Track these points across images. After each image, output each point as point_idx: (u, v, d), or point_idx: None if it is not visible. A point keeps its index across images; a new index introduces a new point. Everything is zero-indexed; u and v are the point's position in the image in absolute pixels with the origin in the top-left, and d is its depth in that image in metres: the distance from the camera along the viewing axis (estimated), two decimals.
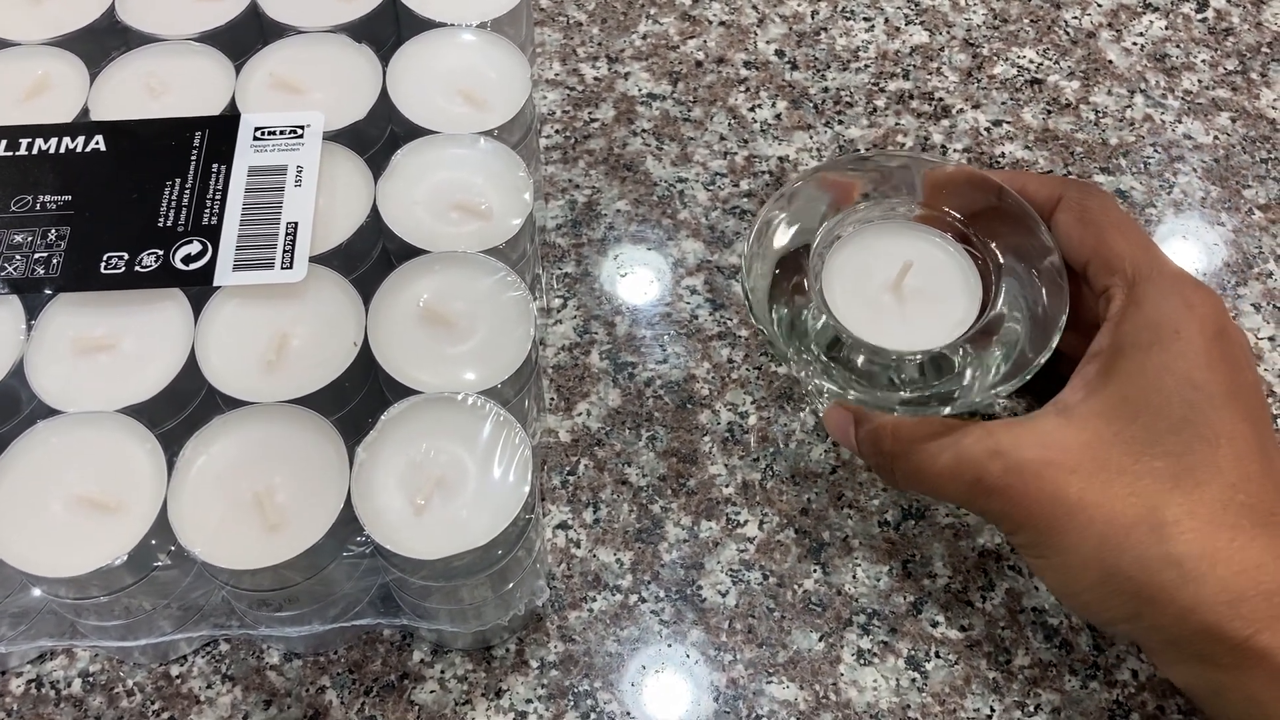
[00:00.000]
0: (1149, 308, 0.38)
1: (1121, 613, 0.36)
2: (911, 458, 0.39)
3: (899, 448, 0.40)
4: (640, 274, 0.54)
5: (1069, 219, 0.41)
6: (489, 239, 0.43)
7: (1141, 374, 0.37)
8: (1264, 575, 0.34)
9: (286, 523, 0.37)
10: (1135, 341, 0.37)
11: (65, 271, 0.41)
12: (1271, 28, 0.65)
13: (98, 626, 0.40)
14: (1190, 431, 0.36)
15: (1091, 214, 0.40)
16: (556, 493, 0.48)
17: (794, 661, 0.44)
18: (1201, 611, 0.34)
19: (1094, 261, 0.40)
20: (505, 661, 0.44)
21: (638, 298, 0.53)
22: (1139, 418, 0.36)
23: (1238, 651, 0.34)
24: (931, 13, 0.65)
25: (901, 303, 0.42)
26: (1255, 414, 0.37)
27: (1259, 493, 0.35)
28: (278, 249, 0.41)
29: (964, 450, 0.38)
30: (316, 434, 0.38)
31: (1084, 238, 0.40)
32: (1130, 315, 0.38)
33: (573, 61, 0.62)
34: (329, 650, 0.44)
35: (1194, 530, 0.35)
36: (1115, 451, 0.36)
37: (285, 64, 0.47)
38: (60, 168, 0.43)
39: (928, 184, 0.44)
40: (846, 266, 0.43)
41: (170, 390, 0.39)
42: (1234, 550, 0.34)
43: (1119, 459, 0.36)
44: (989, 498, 0.37)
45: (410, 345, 0.40)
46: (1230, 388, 0.36)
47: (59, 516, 0.37)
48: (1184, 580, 0.34)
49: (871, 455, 0.41)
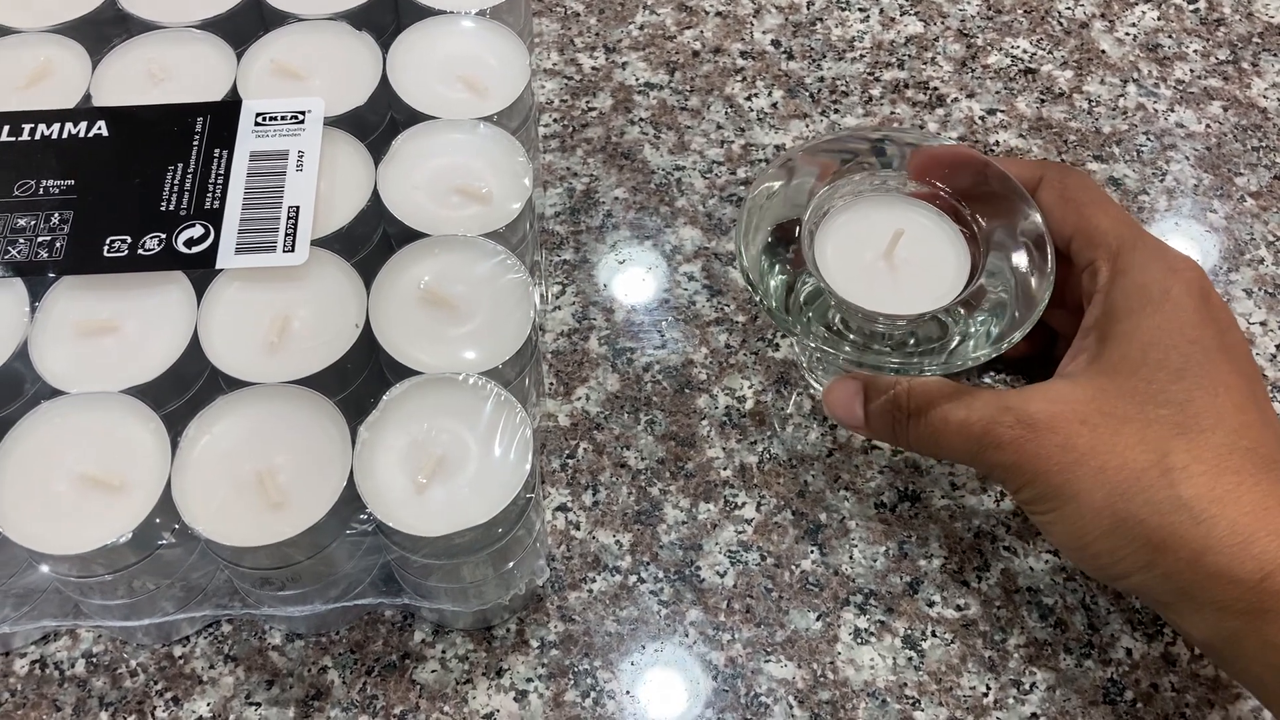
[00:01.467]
0: (1136, 274, 0.39)
1: (1133, 562, 0.36)
2: (928, 416, 0.40)
3: (917, 405, 0.40)
4: (638, 261, 0.54)
5: (1050, 197, 0.42)
6: (489, 223, 0.43)
7: (1137, 333, 0.38)
8: (1272, 517, 0.35)
9: (289, 501, 0.37)
10: (1127, 306, 0.38)
11: (69, 255, 0.41)
12: (1262, 18, 0.65)
13: (101, 606, 0.40)
14: (1190, 381, 0.37)
15: (1071, 192, 0.42)
16: (556, 476, 0.48)
17: (792, 640, 0.44)
18: (1213, 554, 0.35)
19: (1077, 238, 0.41)
20: (506, 641, 0.44)
21: (636, 284, 0.54)
22: (1139, 371, 0.37)
23: (1252, 594, 0.34)
24: (926, 3, 0.65)
25: (893, 270, 0.43)
26: (1247, 370, 0.38)
27: (1260, 439, 0.36)
28: (280, 232, 0.42)
29: (976, 408, 0.39)
30: (319, 414, 0.38)
31: (1065, 215, 0.41)
32: (1118, 283, 0.39)
33: (570, 51, 0.62)
34: (331, 630, 0.44)
35: (1202, 474, 0.35)
36: (1121, 402, 0.37)
37: (286, 51, 0.47)
38: (63, 152, 0.43)
39: (917, 161, 0.44)
40: (839, 235, 0.44)
41: (173, 371, 0.39)
42: (1241, 492, 0.35)
43: (1125, 409, 0.37)
44: (1000, 450, 0.38)
45: (411, 327, 0.41)
46: (1221, 344, 0.38)
47: (64, 495, 0.37)
48: (1195, 522, 0.35)
49: (884, 421, 0.41)
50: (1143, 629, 0.45)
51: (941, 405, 0.39)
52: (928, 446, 0.41)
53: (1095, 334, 0.39)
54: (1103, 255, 0.40)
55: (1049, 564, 0.46)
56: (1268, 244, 0.56)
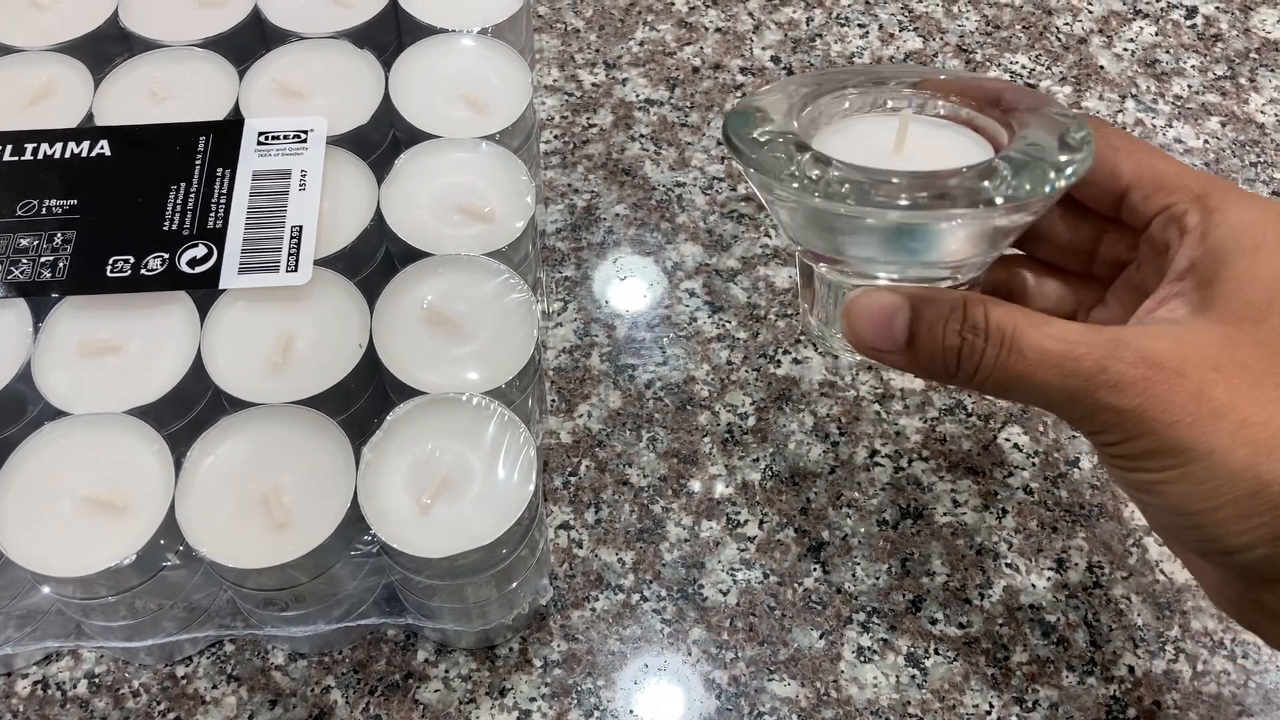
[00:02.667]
0: (1235, 214, 0.34)
1: (1265, 533, 0.32)
2: (1015, 342, 0.32)
3: (999, 327, 0.32)
4: (639, 277, 0.54)
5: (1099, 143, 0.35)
6: (492, 242, 0.43)
7: (1257, 277, 0.33)
8: None
9: (293, 522, 0.37)
10: (1237, 247, 0.33)
11: (71, 275, 0.41)
12: (1259, 33, 0.65)
13: (104, 627, 0.40)
14: None
15: (1116, 140, 0.36)
16: (559, 493, 0.48)
17: (795, 659, 0.44)
18: None
19: (1138, 185, 0.36)
20: (509, 660, 0.44)
21: (637, 301, 0.54)
22: (1268, 319, 0.32)
23: None
24: (925, 19, 0.66)
25: (905, 160, 0.36)
26: None
27: None
28: (283, 252, 0.42)
29: (1079, 339, 0.32)
30: (323, 435, 0.39)
31: (1120, 162, 0.36)
32: (1219, 223, 0.34)
33: (571, 67, 0.63)
34: (334, 650, 0.44)
35: None
36: (1254, 352, 0.32)
37: (288, 70, 0.47)
38: (66, 172, 0.43)
39: (923, 89, 0.38)
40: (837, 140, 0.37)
41: (177, 392, 0.39)
42: None
43: (1259, 360, 0.32)
44: (1117, 392, 0.31)
45: (415, 347, 0.41)
46: None
47: (67, 517, 0.37)
48: None
49: (941, 346, 0.33)
50: (1145, 646, 0.45)
51: (1029, 332, 0.32)
52: (1006, 382, 0.33)
53: (1194, 278, 0.33)
54: (1183, 197, 0.34)
55: (1051, 581, 0.46)
56: None
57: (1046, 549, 0.47)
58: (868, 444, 0.50)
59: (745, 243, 0.55)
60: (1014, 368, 0.32)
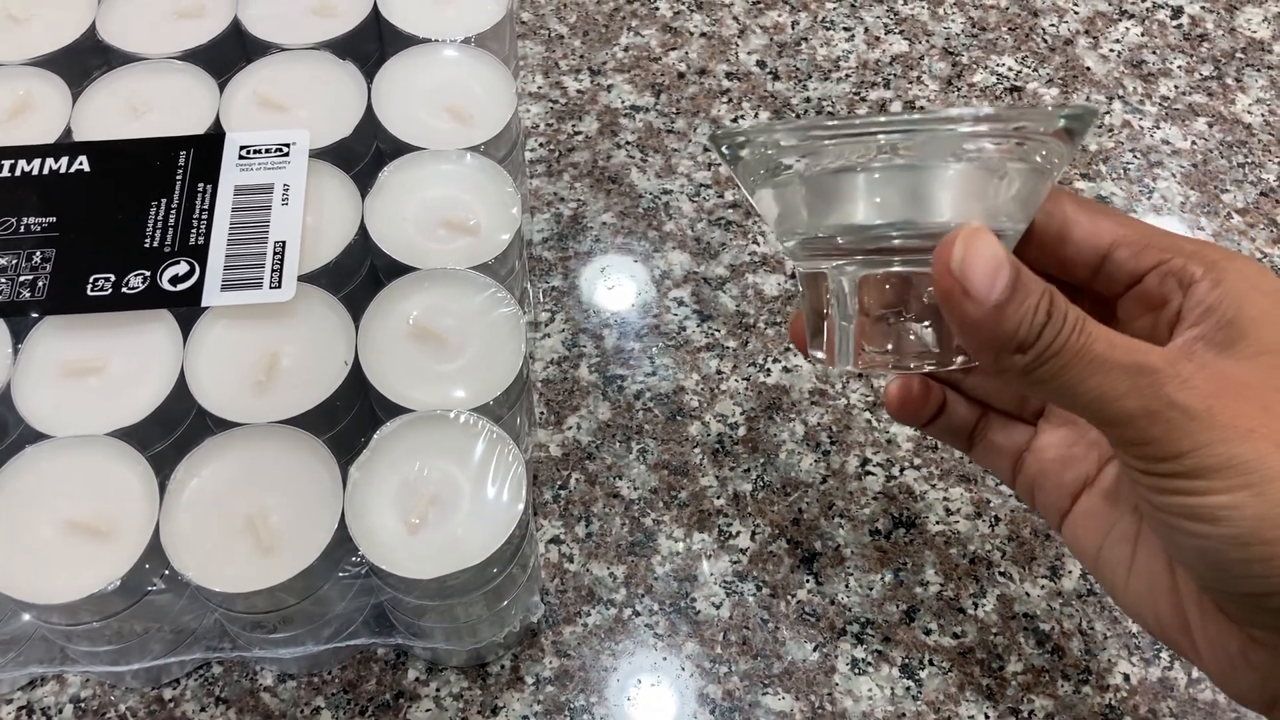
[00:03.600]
0: (1241, 263, 0.33)
1: None
2: (1088, 327, 0.31)
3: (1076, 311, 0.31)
4: (627, 286, 0.54)
5: (1074, 205, 0.35)
6: (478, 255, 0.43)
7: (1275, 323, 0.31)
8: None
9: (280, 545, 0.37)
10: (1256, 288, 0.32)
11: (51, 294, 0.40)
12: (1245, 33, 0.65)
13: (89, 652, 0.39)
14: None
15: (1094, 207, 0.36)
16: (548, 507, 0.48)
17: (789, 672, 0.44)
18: None
19: (1124, 244, 0.35)
20: (501, 678, 0.43)
21: (625, 310, 0.53)
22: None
23: None
24: (911, 22, 0.65)
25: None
26: None
27: None
28: (266, 268, 0.41)
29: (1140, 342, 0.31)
30: (309, 454, 0.38)
31: (1099, 224, 0.35)
32: (1228, 269, 0.33)
33: (555, 74, 0.62)
34: (323, 670, 0.44)
35: None
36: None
37: (269, 82, 0.47)
38: (44, 189, 0.43)
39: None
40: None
41: (160, 412, 0.39)
42: None
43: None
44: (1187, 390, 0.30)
45: (401, 363, 0.40)
46: None
47: (50, 542, 0.36)
48: None
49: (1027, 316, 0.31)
50: (1139, 654, 0.44)
51: (1098, 326, 0.31)
52: (1077, 365, 0.31)
53: (1213, 321, 0.32)
54: (1178, 253, 0.34)
55: (1044, 589, 0.46)
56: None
57: (1040, 556, 0.47)
58: (859, 453, 0.49)
59: (734, 250, 0.55)
60: (1091, 348, 0.30)
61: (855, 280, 0.33)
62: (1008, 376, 0.31)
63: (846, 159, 0.31)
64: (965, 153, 0.31)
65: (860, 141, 0.31)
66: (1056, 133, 0.31)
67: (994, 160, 0.31)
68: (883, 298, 0.33)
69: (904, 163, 0.31)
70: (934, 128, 0.31)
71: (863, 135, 0.31)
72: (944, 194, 0.32)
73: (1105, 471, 0.36)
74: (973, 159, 0.31)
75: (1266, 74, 0.63)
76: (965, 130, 0.31)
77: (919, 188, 0.32)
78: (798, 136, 0.32)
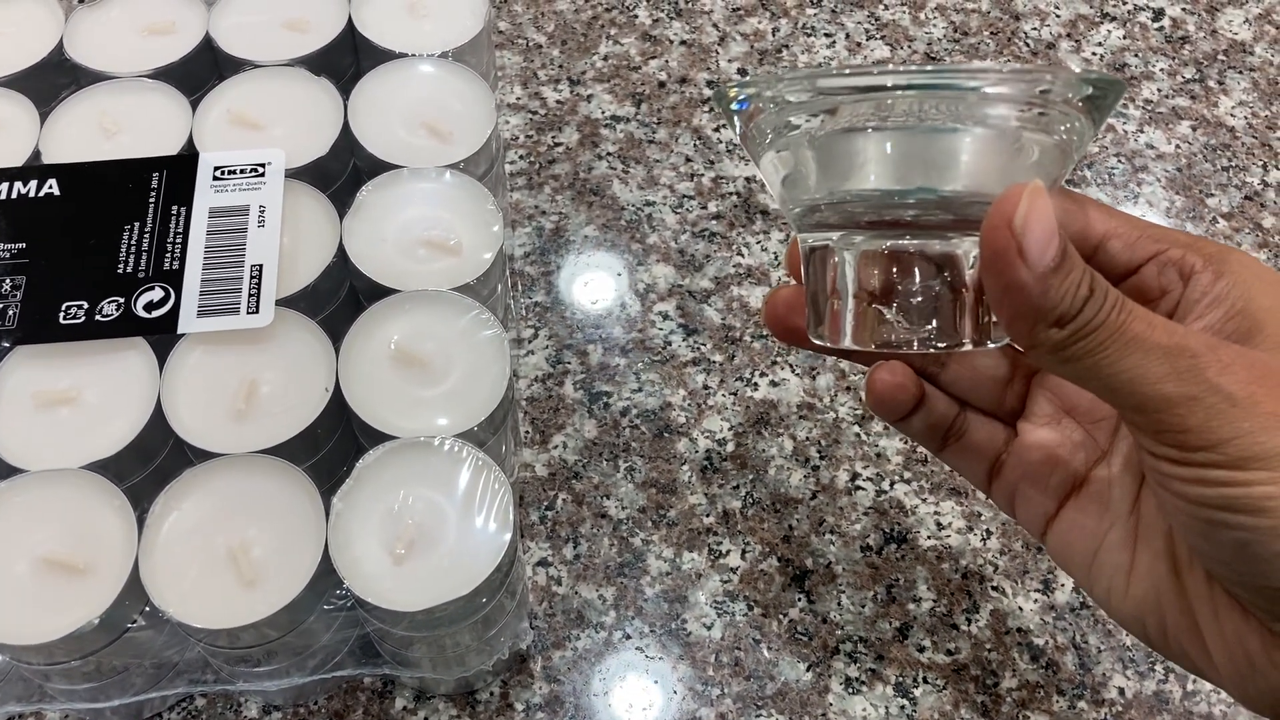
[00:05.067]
0: (1239, 255, 0.33)
1: None
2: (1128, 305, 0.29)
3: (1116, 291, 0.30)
4: (611, 301, 0.53)
5: (1062, 196, 0.35)
6: (460, 275, 0.42)
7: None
8: None
9: (263, 578, 0.36)
10: (1261, 278, 0.32)
11: (23, 323, 0.39)
12: (1226, 35, 0.65)
13: (67, 689, 0.39)
14: None
15: (1085, 200, 0.35)
16: (535, 529, 0.47)
17: (782, 693, 0.43)
18: None
19: (1117, 236, 0.34)
20: (490, 706, 0.43)
21: (610, 325, 0.53)
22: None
23: None
24: (892, 27, 0.65)
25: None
26: None
27: None
28: (243, 293, 0.40)
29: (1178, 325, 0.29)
30: (291, 485, 0.37)
31: (1090, 215, 0.35)
32: (1228, 260, 0.33)
33: (534, 85, 0.61)
34: (309, 701, 0.43)
35: None
36: None
37: (243, 99, 0.46)
38: (12, 214, 0.42)
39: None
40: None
41: (137, 444, 0.38)
42: None
43: None
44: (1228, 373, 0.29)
45: (383, 389, 0.39)
46: None
47: (25, 580, 0.35)
48: None
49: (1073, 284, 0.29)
50: (1134, 667, 0.44)
51: (1137, 306, 0.30)
52: (1114, 346, 0.29)
53: (1222, 310, 0.32)
54: (1174, 245, 0.34)
55: (1038, 603, 0.45)
56: None
57: (1032, 570, 0.46)
58: (849, 467, 0.49)
59: (718, 262, 0.54)
60: (1131, 327, 0.29)
61: (861, 254, 0.32)
62: (1039, 351, 0.30)
63: (858, 119, 0.30)
64: (986, 117, 0.30)
65: (873, 98, 0.29)
66: (1082, 106, 0.30)
67: (1013, 130, 0.30)
68: (891, 274, 0.32)
69: (921, 125, 0.30)
70: (953, 80, 0.29)
71: (877, 91, 0.29)
72: (962, 160, 0.31)
73: (1095, 474, 0.35)
74: (994, 124, 0.30)
75: (1249, 76, 0.63)
76: (987, 90, 0.29)
77: (937, 152, 0.31)
78: (807, 92, 0.30)
